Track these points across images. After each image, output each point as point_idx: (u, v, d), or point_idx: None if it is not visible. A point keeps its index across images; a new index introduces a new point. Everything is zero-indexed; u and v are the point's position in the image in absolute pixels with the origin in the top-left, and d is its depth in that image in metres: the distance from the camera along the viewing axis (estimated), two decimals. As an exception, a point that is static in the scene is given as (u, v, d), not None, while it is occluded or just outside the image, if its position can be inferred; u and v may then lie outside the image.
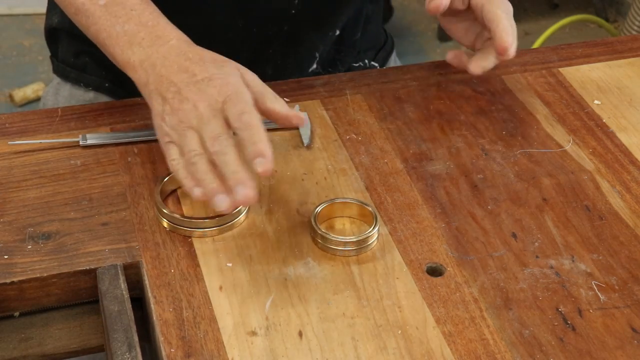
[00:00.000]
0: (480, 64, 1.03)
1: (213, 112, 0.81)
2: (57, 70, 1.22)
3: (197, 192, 0.80)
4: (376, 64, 1.26)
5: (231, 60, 0.87)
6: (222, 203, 0.79)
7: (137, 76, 0.89)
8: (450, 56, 1.08)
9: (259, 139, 0.79)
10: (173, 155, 0.83)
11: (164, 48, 0.89)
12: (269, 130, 0.99)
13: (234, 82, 0.84)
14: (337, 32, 1.18)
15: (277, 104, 0.85)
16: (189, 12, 1.07)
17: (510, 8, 1.01)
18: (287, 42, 1.13)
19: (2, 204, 0.89)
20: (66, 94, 1.21)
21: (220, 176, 0.80)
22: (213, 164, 0.80)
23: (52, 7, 1.20)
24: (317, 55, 1.18)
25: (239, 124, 0.80)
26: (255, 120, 0.80)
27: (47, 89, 1.24)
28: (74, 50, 1.19)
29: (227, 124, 0.81)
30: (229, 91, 0.82)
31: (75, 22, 0.98)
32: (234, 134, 0.81)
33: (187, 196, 0.91)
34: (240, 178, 0.78)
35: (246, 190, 0.78)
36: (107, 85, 1.18)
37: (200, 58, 0.87)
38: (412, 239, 0.87)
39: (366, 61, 1.25)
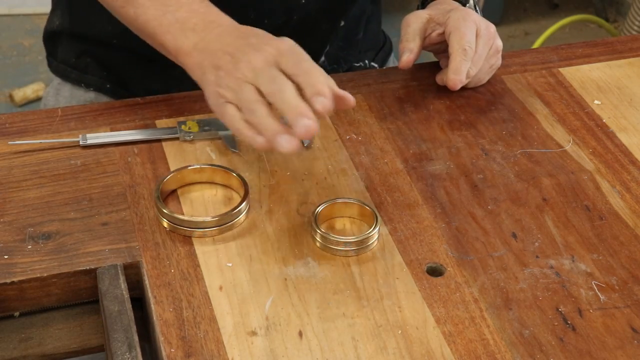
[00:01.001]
0: (441, 77, 1.07)
1: (268, 64, 0.82)
2: (56, 71, 1.22)
3: (259, 140, 0.80)
4: (375, 65, 1.27)
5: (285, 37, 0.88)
6: (287, 143, 0.78)
7: (191, 60, 0.90)
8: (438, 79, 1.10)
9: (318, 81, 0.79)
10: (231, 112, 0.83)
11: (217, 30, 0.90)
12: None
13: (289, 42, 0.85)
14: (343, 23, 1.18)
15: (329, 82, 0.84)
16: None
17: (481, 30, 1.03)
18: (296, 32, 1.13)
19: (2, 204, 0.89)
20: (67, 94, 1.21)
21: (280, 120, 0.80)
22: (272, 110, 0.80)
23: (55, 8, 1.21)
24: (328, 47, 1.19)
25: (298, 70, 0.80)
26: (314, 66, 0.81)
27: (48, 89, 1.25)
28: (75, 51, 1.19)
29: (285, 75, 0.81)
30: (284, 47, 0.83)
31: (120, 15, 0.99)
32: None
33: (187, 196, 0.91)
34: (301, 110, 0.78)
35: (307, 121, 0.77)
36: (108, 86, 1.19)
37: (254, 32, 0.88)
38: (412, 239, 0.87)
39: (366, 61, 1.26)
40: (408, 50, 1.04)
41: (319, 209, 0.87)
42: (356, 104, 1.04)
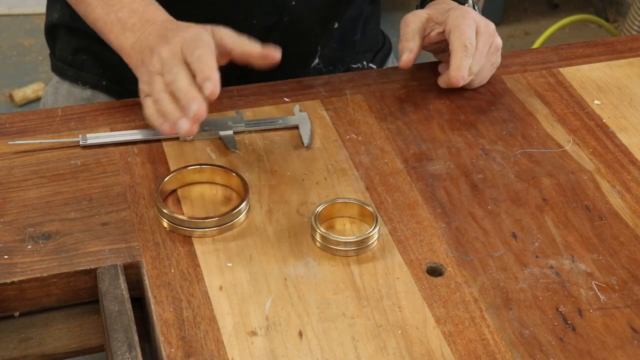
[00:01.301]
0: (444, 80, 1.06)
1: (173, 54, 0.88)
2: (55, 69, 1.22)
3: (165, 127, 0.87)
4: (374, 66, 1.26)
5: (207, 25, 0.93)
6: (183, 125, 0.84)
7: (131, 59, 0.96)
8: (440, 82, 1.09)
9: (207, 67, 0.85)
10: (147, 104, 0.89)
11: (150, 28, 0.94)
12: (269, 130, 0.99)
13: (194, 30, 0.90)
14: (336, 25, 1.18)
15: (250, 46, 0.92)
16: (189, 5, 1.08)
17: (481, 27, 1.03)
18: (287, 33, 1.13)
19: (2, 204, 0.89)
20: (64, 92, 1.21)
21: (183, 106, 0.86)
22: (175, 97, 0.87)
23: (52, 3, 1.21)
24: (319, 49, 1.19)
25: (192, 58, 0.86)
26: (205, 52, 0.86)
27: (47, 88, 1.25)
28: (72, 47, 1.19)
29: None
30: (187, 36, 0.89)
31: (77, 11, 1.04)
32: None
33: (187, 196, 0.91)
34: (190, 96, 0.84)
35: (195, 105, 0.84)
36: (104, 83, 1.19)
37: (177, 26, 0.93)
38: (412, 239, 0.87)
39: (364, 62, 1.25)
40: (408, 49, 1.04)
41: (319, 209, 0.87)
42: (356, 104, 1.04)
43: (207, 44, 0.89)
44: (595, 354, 0.77)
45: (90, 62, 1.19)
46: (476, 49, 1.02)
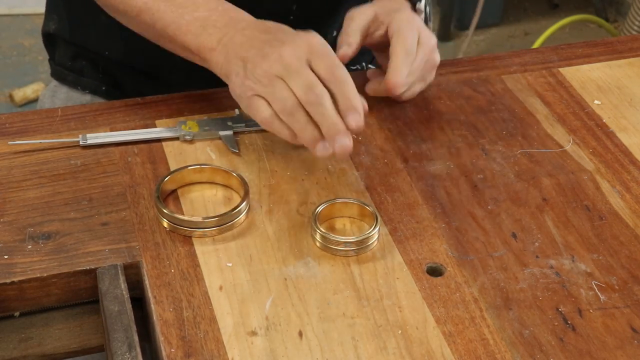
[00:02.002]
0: (373, 87, 1.03)
1: (300, 61, 0.82)
2: (54, 74, 1.22)
3: (296, 140, 0.83)
4: (373, 67, 1.26)
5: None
6: (325, 150, 0.81)
7: (216, 54, 0.90)
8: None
9: (353, 95, 0.80)
10: (262, 109, 0.84)
11: (241, 24, 0.90)
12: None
13: (319, 38, 0.85)
14: (335, 34, 1.18)
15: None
16: None
17: (423, 38, 0.99)
18: None
19: (2, 204, 0.89)
20: (63, 97, 1.21)
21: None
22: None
23: (50, 12, 1.20)
24: None
25: (332, 77, 0.81)
26: (347, 75, 0.81)
27: (44, 91, 1.24)
28: (71, 54, 1.19)
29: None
30: (315, 44, 0.83)
31: (136, 24, 0.99)
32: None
33: (187, 196, 0.91)
34: (339, 129, 0.80)
35: (345, 140, 0.79)
36: (104, 88, 1.19)
37: (280, 27, 0.88)
38: (412, 239, 0.87)
39: (364, 64, 1.25)
40: (347, 43, 0.99)
41: (319, 209, 0.87)
42: (356, 104, 1.04)
43: (339, 60, 0.84)
44: (595, 354, 0.77)
45: (90, 67, 1.18)
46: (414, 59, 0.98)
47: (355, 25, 1.01)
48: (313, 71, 0.83)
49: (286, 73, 0.83)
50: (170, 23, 0.94)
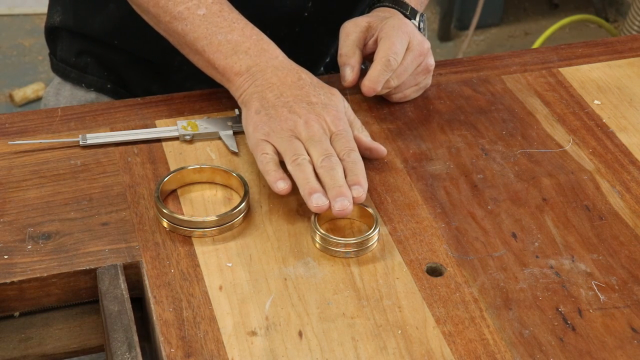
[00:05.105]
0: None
1: (324, 134, 0.90)
2: (56, 69, 1.22)
3: (281, 185, 0.87)
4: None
5: (336, 90, 0.96)
6: (319, 201, 0.85)
7: (241, 80, 0.95)
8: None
9: (361, 174, 0.88)
10: (267, 150, 0.89)
11: (274, 61, 0.95)
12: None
13: (343, 118, 0.93)
14: None
15: (362, 134, 0.95)
16: None
17: (413, 44, 1.01)
18: (297, 43, 1.13)
19: (2, 204, 0.89)
20: (67, 94, 1.20)
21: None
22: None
23: (54, 5, 1.20)
24: (328, 59, 1.19)
25: (348, 157, 0.89)
26: (359, 158, 0.89)
27: (48, 89, 1.24)
28: (75, 50, 1.19)
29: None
30: (340, 126, 0.91)
31: (166, 30, 1.00)
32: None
33: (187, 196, 0.91)
34: (344, 191, 0.85)
35: (346, 202, 0.84)
36: (109, 86, 1.18)
37: (312, 82, 0.94)
38: (412, 239, 0.87)
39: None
40: (349, 67, 1.02)
41: (319, 209, 0.87)
42: (356, 104, 1.05)
43: (352, 134, 0.92)
44: (595, 354, 0.77)
45: (94, 64, 1.18)
46: (401, 64, 1.00)
47: (351, 41, 1.03)
48: (331, 144, 0.90)
49: (308, 139, 0.89)
50: (202, 38, 0.96)
